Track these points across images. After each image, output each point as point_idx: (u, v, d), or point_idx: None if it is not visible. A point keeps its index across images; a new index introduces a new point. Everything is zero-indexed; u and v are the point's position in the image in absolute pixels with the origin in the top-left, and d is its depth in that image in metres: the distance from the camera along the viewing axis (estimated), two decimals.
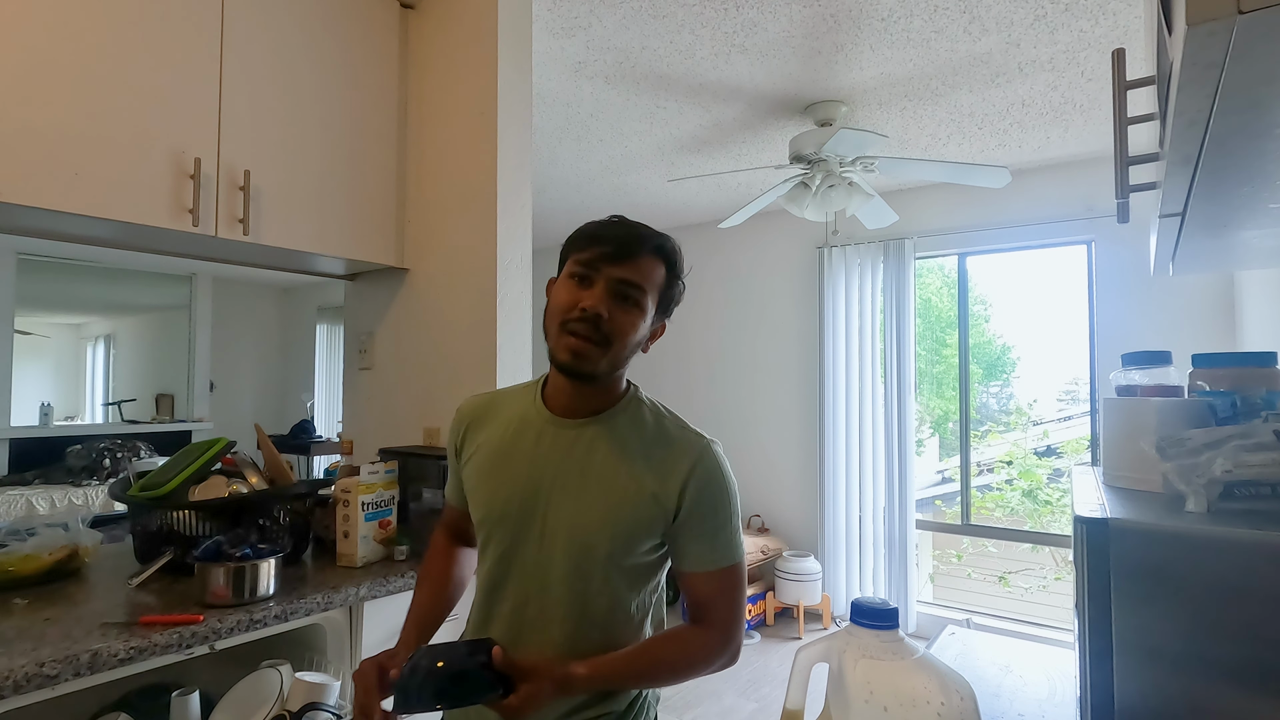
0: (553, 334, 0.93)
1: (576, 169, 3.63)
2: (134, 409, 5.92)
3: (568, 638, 0.93)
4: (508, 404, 1.04)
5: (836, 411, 4.09)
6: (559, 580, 0.94)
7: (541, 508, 0.95)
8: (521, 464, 0.97)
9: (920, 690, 0.64)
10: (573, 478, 0.95)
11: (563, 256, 0.97)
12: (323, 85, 1.78)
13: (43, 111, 1.32)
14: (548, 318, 0.94)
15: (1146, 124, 0.80)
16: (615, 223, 0.95)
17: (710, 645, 0.95)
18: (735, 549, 0.96)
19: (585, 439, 0.96)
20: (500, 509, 0.97)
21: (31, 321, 5.40)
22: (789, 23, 2.18)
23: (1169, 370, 1.07)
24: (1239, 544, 0.73)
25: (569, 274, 0.93)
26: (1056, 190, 3.55)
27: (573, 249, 0.95)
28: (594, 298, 0.90)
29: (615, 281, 0.91)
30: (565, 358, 0.91)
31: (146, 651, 1.10)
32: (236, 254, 1.80)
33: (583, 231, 0.95)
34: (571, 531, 0.93)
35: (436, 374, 1.93)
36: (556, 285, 0.96)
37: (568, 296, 0.91)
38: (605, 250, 0.91)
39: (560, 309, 0.91)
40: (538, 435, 0.98)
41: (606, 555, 0.93)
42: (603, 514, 0.93)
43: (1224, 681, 0.73)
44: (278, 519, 1.54)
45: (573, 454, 0.96)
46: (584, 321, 0.89)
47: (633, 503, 0.93)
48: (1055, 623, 3.71)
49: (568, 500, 0.94)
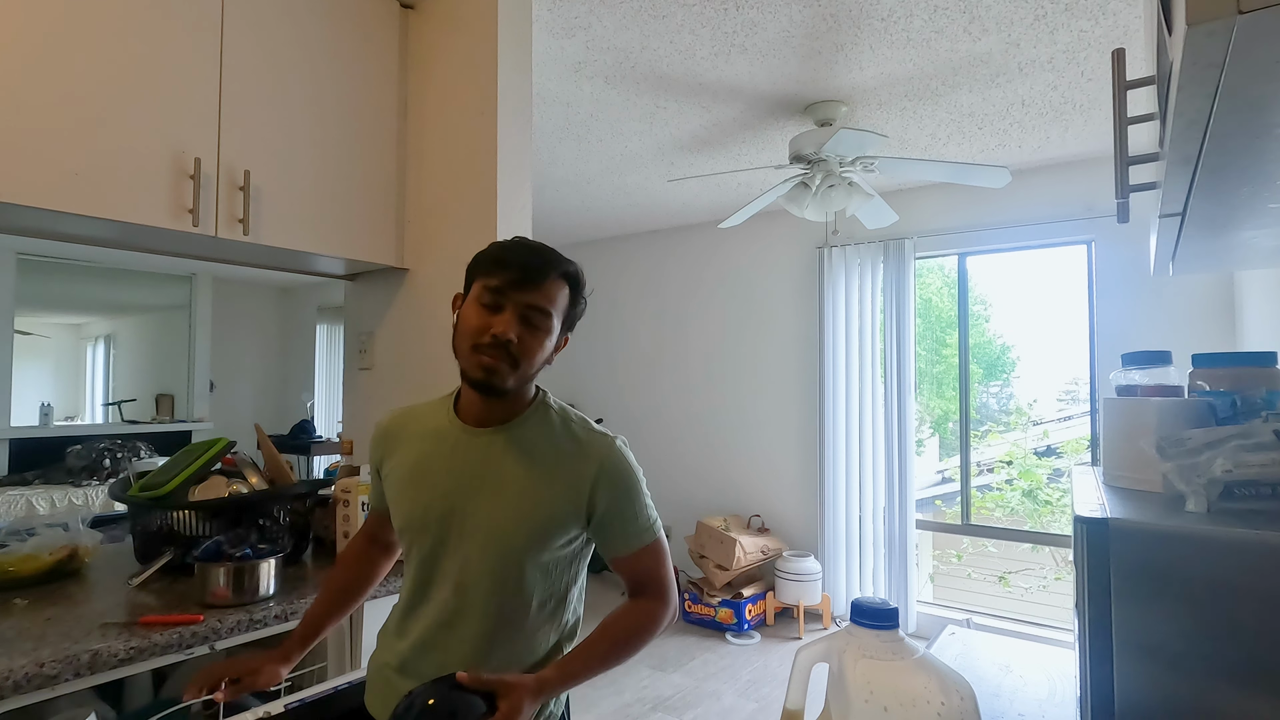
0: (464, 353, 0.99)
1: (576, 169, 3.63)
2: (134, 409, 5.92)
3: (487, 634, 0.99)
4: (423, 418, 1.10)
5: (836, 411, 4.09)
6: (478, 579, 1.00)
7: (459, 512, 1.01)
8: (439, 473, 1.03)
9: (920, 690, 0.64)
10: (488, 482, 1.01)
11: (469, 277, 1.03)
12: (323, 85, 1.78)
13: (43, 111, 1.32)
14: (459, 338, 1.00)
15: (1146, 124, 0.80)
16: (521, 247, 1.00)
17: (654, 612, 1.06)
18: (652, 528, 1.06)
19: (498, 445, 1.03)
20: (420, 516, 1.03)
21: (31, 321, 5.40)
22: (789, 23, 2.18)
23: (1169, 370, 1.07)
24: (1239, 544, 0.73)
25: (478, 299, 0.98)
26: (1056, 190, 3.55)
27: (480, 273, 1.00)
28: (504, 324, 0.96)
29: (523, 307, 0.97)
30: (478, 375, 0.98)
31: (146, 651, 1.10)
32: (236, 254, 1.80)
33: (489, 255, 1.00)
34: (489, 532, 0.99)
35: (436, 374, 1.92)
36: (466, 307, 1.00)
37: (478, 321, 0.97)
38: (513, 277, 0.97)
39: (471, 332, 0.97)
40: (453, 445, 1.04)
41: (524, 552, 0.99)
42: (518, 513, 0.99)
43: (1224, 681, 0.73)
44: (278, 519, 1.54)
45: (487, 460, 1.02)
46: (495, 346, 0.96)
47: (546, 500, 1.00)
48: (1055, 623, 3.71)
49: (484, 503, 1.00)
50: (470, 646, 0.99)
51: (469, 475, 1.02)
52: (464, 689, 0.86)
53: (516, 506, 1.00)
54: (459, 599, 1.00)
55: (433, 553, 1.02)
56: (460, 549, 1.01)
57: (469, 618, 1.00)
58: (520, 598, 1.00)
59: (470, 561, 1.00)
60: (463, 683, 0.87)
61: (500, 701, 0.87)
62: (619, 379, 5.08)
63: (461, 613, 1.00)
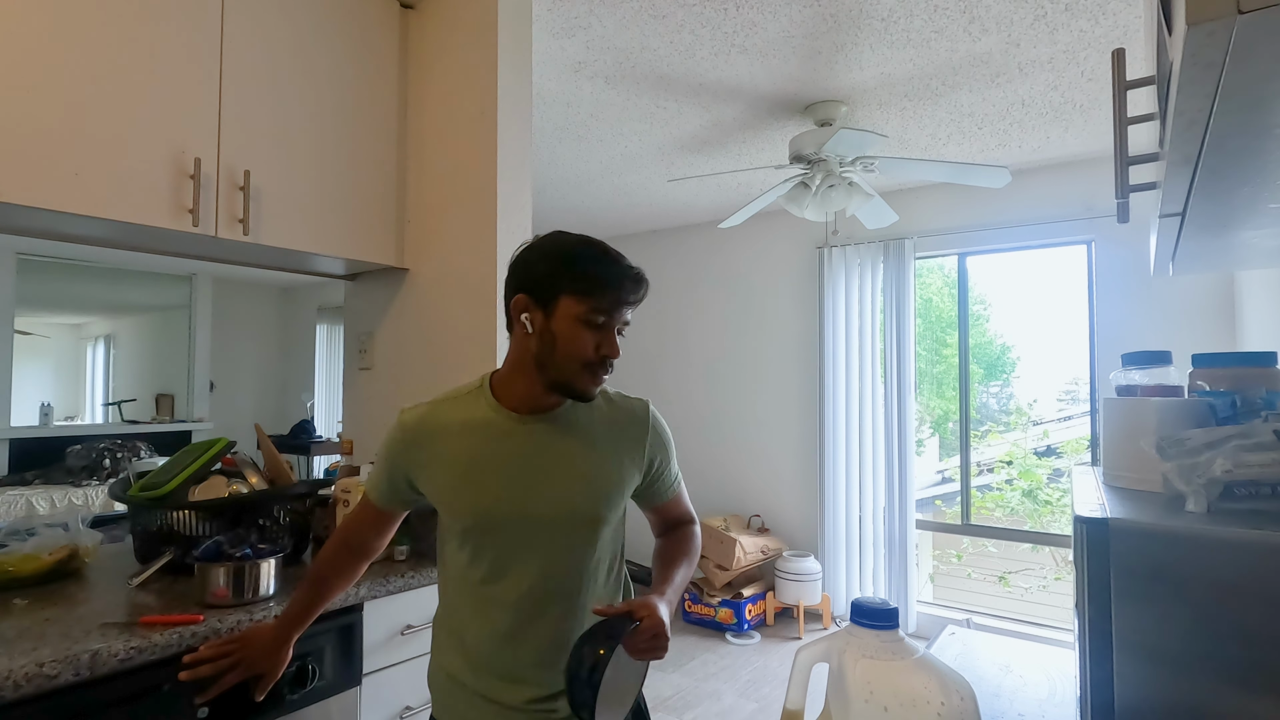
0: (573, 372, 1.00)
1: (576, 169, 3.63)
2: (134, 409, 5.93)
3: (582, 607, 1.06)
4: (457, 411, 1.08)
5: (836, 411, 4.09)
6: (563, 560, 1.05)
7: (534, 500, 1.03)
8: (501, 466, 1.04)
9: (920, 690, 0.64)
10: (557, 464, 1.05)
11: (556, 290, 0.99)
12: (323, 85, 1.78)
13: (43, 111, 1.32)
14: (561, 356, 0.99)
15: (1146, 124, 0.80)
16: (622, 268, 1.01)
17: (697, 532, 1.24)
18: (679, 472, 1.22)
19: (556, 428, 1.06)
20: (489, 510, 1.03)
21: (31, 321, 5.40)
22: (789, 23, 2.18)
23: (1169, 370, 1.07)
24: (1239, 544, 0.73)
25: (582, 318, 0.98)
26: (1056, 190, 3.55)
27: (580, 291, 0.98)
28: (613, 344, 1.01)
29: (623, 324, 1.03)
30: (586, 389, 1.01)
31: (146, 651, 1.10)
32: (236, 254, 1.80)
33: (589, 277, 0.99)
34: (570, 511, 1.04)
35: (436, 374, 1.93)
36: (566, 325, 0.99)
37: (589, 342, 0.99)
38: (623, 300, 1.00)
39: (580, 353, 0.99)
40: (508, 436, 1.05)
41: (601, 522, 1.07)
42: (592, 486, 1.06)
43: (1224, 681, 0.73)
44: (278, 519, 1.54)
45: (549, 444, 1.05)
46: (605, 364, 1.01)
47: (614, 468, 1.08)
48: (1055, 623, 3.71)
49: (558, 485, 1.04)
50: (556, 628, 1.04)
51: (535, 462, 1.04)
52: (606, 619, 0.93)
53: (589, 480, 1.06)
54: (546, 584, 1.04)
55: (509, 545, 1.04)
56: (540, 535, 1.03)
57: (555, 600, 1.04)
58: (600, 568, 1.08)
59: (554, 545, 1.04)
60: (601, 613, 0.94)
61: (639, 613, 0.93)
62: (619, 379, 5.06)
63: (548, 597, 1.04)
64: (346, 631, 1.40)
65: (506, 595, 1.04)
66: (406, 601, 1.51)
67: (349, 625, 1.41)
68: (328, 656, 1.36)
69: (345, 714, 1.39)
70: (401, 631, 1.50)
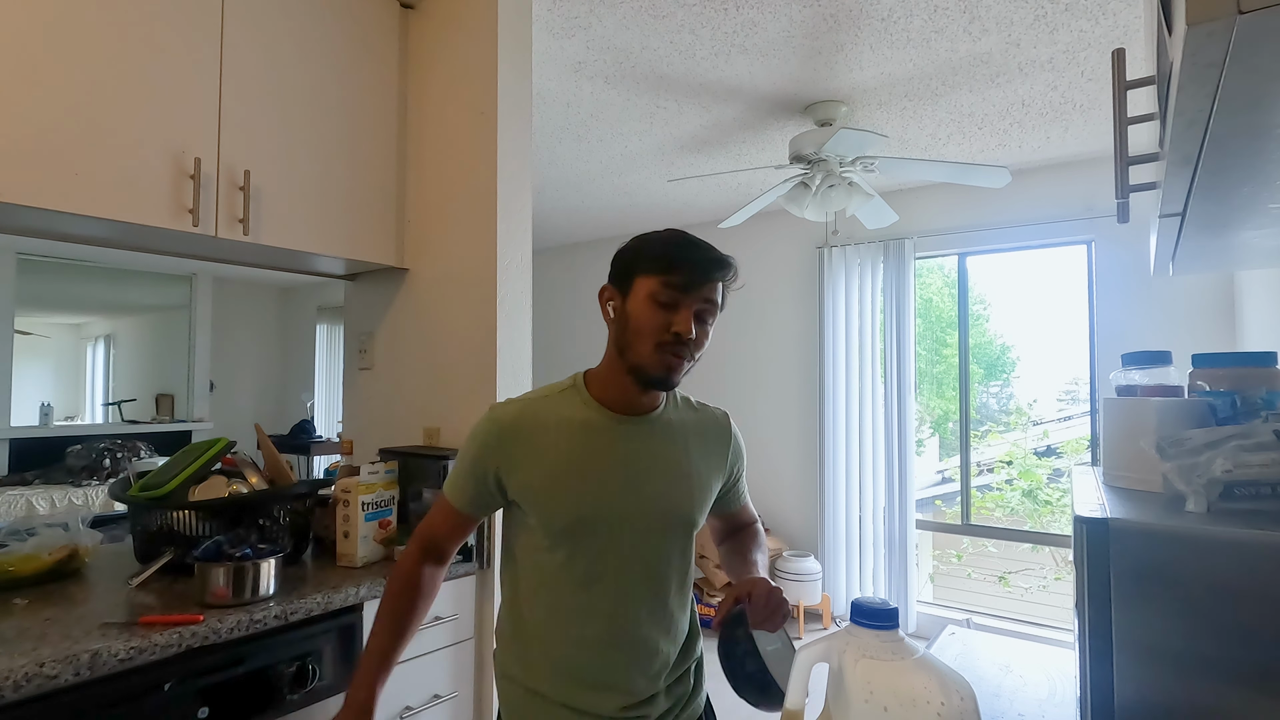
0: (644, 352, 0.99)
1: (576, 169, 3.63)
2: (134, 409, 5.93)
3: (669, 612, 1.06)
4: (549, 410, 1.04)
5: (836, 411, 4.09)
6: (661, 560, 1.05)
7: (634, 500, 1.02)
8: (599, 465, 1.02)
9: (920, 690, 0.64)
10: (659, 466, 1.05)
11: (627, 271, 1.02)
12: (323, 85, 1.78)
13: (43, 111, 1.32)
14: (634, 336, 0.99)
15: (1146, 124, 0.80)
16: (692, 246, 1.01)
17: (762, 529, 1.26)
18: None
19: (657, 430, 1.07)
20: (591, 510, 1.01)
21: (31, 321, 5.41)
22: (789, 23, 2.18)
23: (1169, 370, 1.07)
24: (1239, 544, 0.73)
25: (653, 297, 0.98)
26: (1056, 190, 3.55)
27: (651, 270, 0.99)
28: (686, 323, 0.98)
29: (699, 303, 0.99)
30: (659, 373, 0.99)
31: (146, 651, 1.10)
32: (236, 254, 1.80)
33: (661, 255, 1.00)
34: (669, 513, 1.05)
35: (436, 374, 1.93)
36: (639, 305, 0.99)
37: (659, 319, 0.98)
38: (692, 277, 0.98)
39: (652, 331, 0.98)
40: (611, 436, 1.03)
41: (695, 525, 1.08)
42: (690, 490, 1.07)
43: (1224, 681, 0.73)
44: (278, 519, 1.54)
45: (650, 446, 1.05)
46: (678, 344, 0.98)
47: (705, 472, 1.09)
48: (1055, 623, 3.71)
49: (660, 487, 1.04)
50: (648, 633, 1.03)
51: (635, 463, 1.03)
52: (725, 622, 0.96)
53: (688, 484, 1.06)
54: (642, 587, 1.03)
55: (608, 547, 1.01)
56: (639, 537, 1.02)
57: (649, 604, 1.04)
58: (686, 571, 1.10)
59: (652, 547, 1.03)
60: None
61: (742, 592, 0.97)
62: None
63: (643, 601, 1.03)
64: (346, 631, 1.40)
65: (602, 600, 1.02)
66: None
67: (349, 625, 1.41)
68: (328, 656, 1.36)
69: None
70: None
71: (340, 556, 1.56)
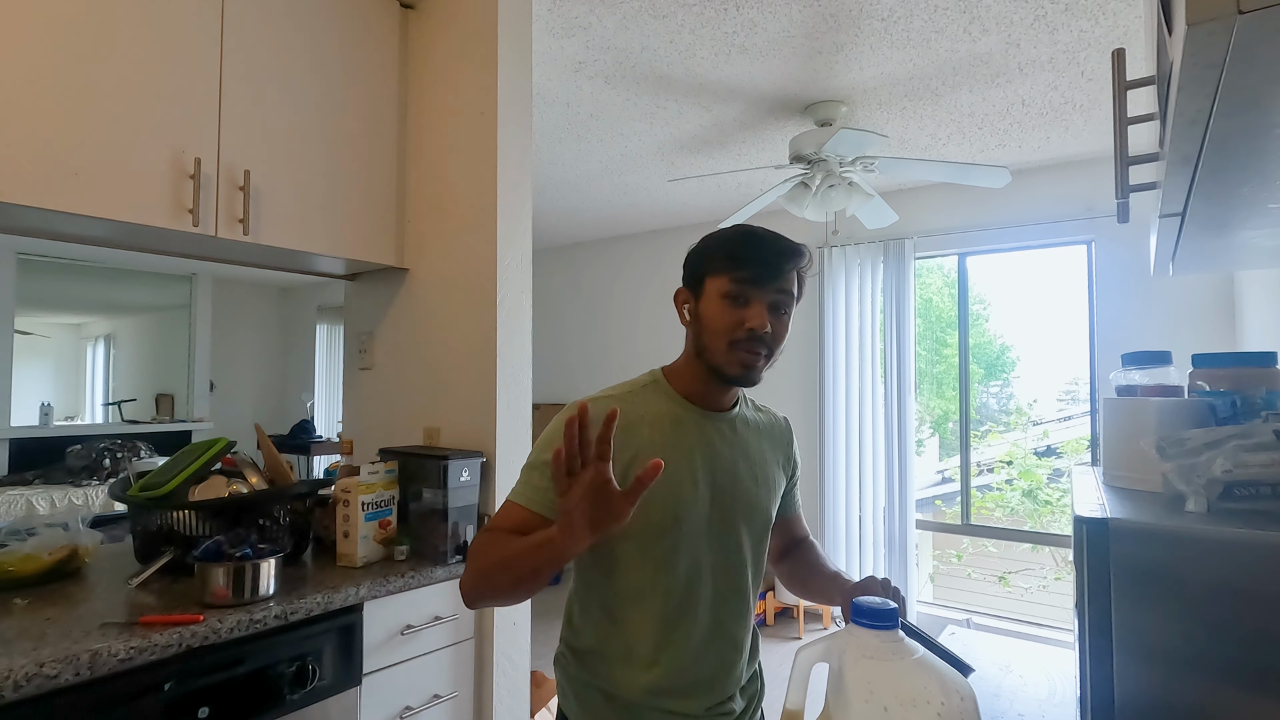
0: (720, 351, 0.97)
1: (576, 169, 3.63)
2: (134, 409, 5.92)
3: (753, 606, 1.07)
4: (637, 404, 1.01)
5: (836, 411, 4.09)
6: (750, 557, 1.04)
7: (728, 496, 1.02)
8: (693, 461, 1.00)
9: (920, 690, 0.64)
10: (744, 463, 1.04)
11: (697, 270, 1.00)
12: (323, 85, 1.78)
13: (43, 112, 1.32)
14: (709, 336, 0.98)
15: (1146, 124, 0.80)
16: (759, 239, 0.99)
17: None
18: None
19: (740, 426, 1.06)
20: (688, 507, 0.98)
21: (31, 321, 5.41)
22: (789, 23, 2.18)
23: (1169, 370, 1.07)
24: (1239, 544, 0.73)
25: (724, 294, 0.96)
26: (1056, 190, 3.55)
27: (720, 268, 0.98)
28: (760, 318, 0.95)
29: (772, 294, 0.97)
30: (737, 371, 0.97)
31: (146, 651, 1.10)
32: (236, 254, 1.80)
33: (728, 251, 0.98)
34: (757, 510, 1.05)
35: (436, 374, 1.93)
36: (710, 305, 0.98)
37: (730, 317, 0.96)
38: (762, 272, 0.96)
39: (725, 329, 0.96)
40: (697, 430, 1.02)
41: (773, 523, 1.09)
42: (769, 488, 1.07)
43: (1224, 681, 0.73)
44: (278, 519, 1.54)
45: (735, 442, 1.05)
46: (753, 340, 0.96)
47: (777, 471, 1.10)
48: (1055, 623, 3.71)
49: (747, 484, 1.04)
50: (737, 634, 1.02)
51: (725, 460, 1.02)
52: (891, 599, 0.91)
53: (767, 481, 1.07)
54: (736, 583, 1.02)
55: (705, 545, 1.00)
56: (733, 534, 1.02)
57: (739, 601, 1.03)
58: (762, 569, 1.08)
59: (742, 544, 1.03)
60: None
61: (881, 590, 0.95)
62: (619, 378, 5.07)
63: (737, 597, 1.02)
64: (346, 631, 1.40)
65: (700, 598, 0.99)
66: (406, 601, 1.52)
67: (349, 625, 1.41)
68: (328, 656, 1.36)
69: (345, 714, 1.39)
70: (401, 631, 1.50)
71: (340, 556, 1.56)
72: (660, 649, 0.98)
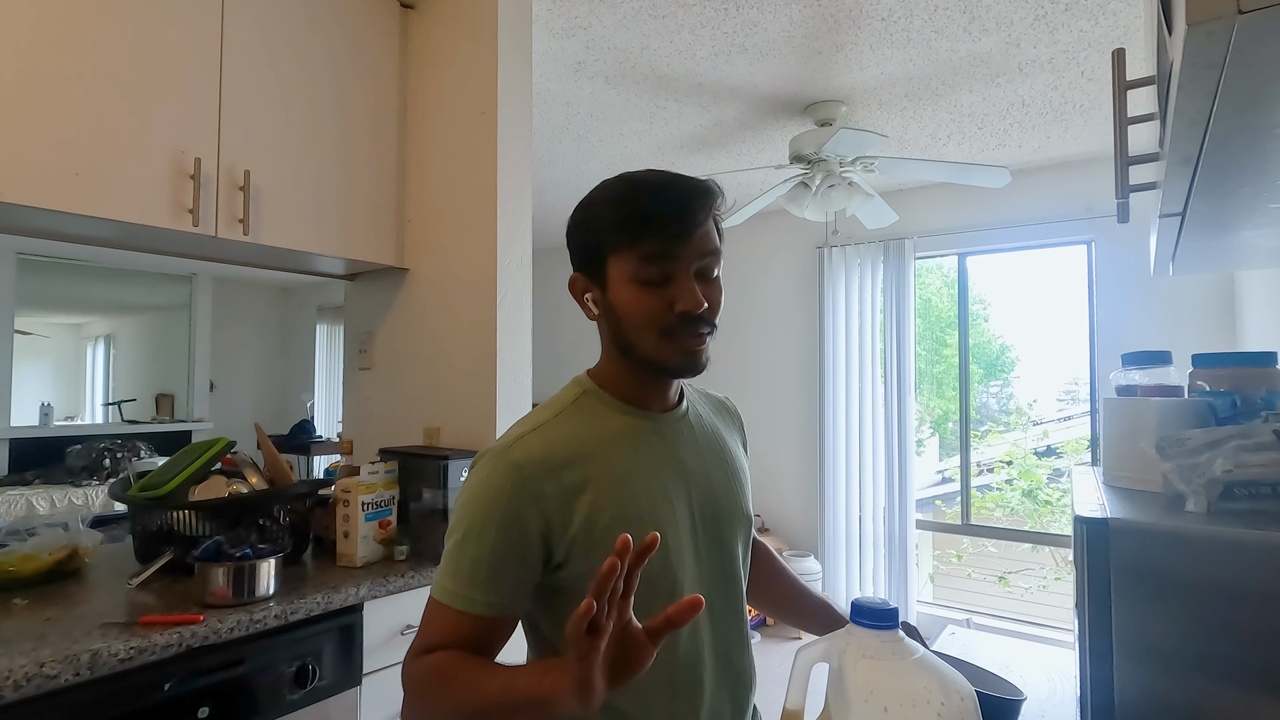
0: (650, 345, 0.78)
1: (576, 169, 3.63)
2: (134, 409, 5.92)
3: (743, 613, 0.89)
4: (579, 428, 0.81)
5: (836, 411, 4.09)
6: (737, 564, 0.88)
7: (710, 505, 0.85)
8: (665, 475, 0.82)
9: (920, 690, 0.64)
10: (713, 463, 0.87)
11: (596, 248, 0.79)
12: (323, 85, 1.78)
13: (43, 112, 1.32)
14: (631, 330, 0.78)
15: (1146, 124, 0.80)
16: (656, 187, 0.77)
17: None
18: None
19: (695, 423, 0.89)
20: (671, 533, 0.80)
21: (31, 321, 5.40)
22: (789, 23, 2.18)
23: (1169, 370, 1.07)
24: (1239, 544, 0.73)
25: (636, 277, 0.76)
26: (1056, 190, 3.55)
27: (621, 240, 0.77)
28: (690, 295, 0.75)
29: (696, 258, 0.77)
30: (679, 363, 0.79)
31: (146, 651, 1.10)
32: (236, 254, 1.80)
33: (625, 217, 0.77)
34: (738, 512, 0.88)
35: (436, 374, 1.93)
36: (622, 291, 0.78)
37: (653, 302, 0.76)
38: (674, 234, 0.75)
39: (650, 319, 0.77)
40: (656, 439, 0.83)
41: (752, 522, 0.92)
42: (739, 481, 0.90)
43: (1224, 681, 0.73)
44: (278, 519, 1.54)
45: (697, 442, 0.87)
46: (691, 322, 0.77)
47: (743, 457, 0.95)
48: (1055, 623, 3.71)
49: (721, 485, 0.87)
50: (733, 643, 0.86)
51: (698, 467, 0.85)
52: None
53: (738, 475, 0.90)
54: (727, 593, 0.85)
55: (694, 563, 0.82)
56: (718, 544, 0.85)
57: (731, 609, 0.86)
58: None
59: (730, 552, 0.86)
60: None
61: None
62: None
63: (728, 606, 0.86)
64: (346, 631, 1.40)
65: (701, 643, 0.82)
66: (406, 601, 1.52)
67: (349, 625, 1.41)
68: (328, 656, 1.36)
69: (345, 714, 1.39)
70: (401, 631, 1.50)
71: (340, 556, 1.56)
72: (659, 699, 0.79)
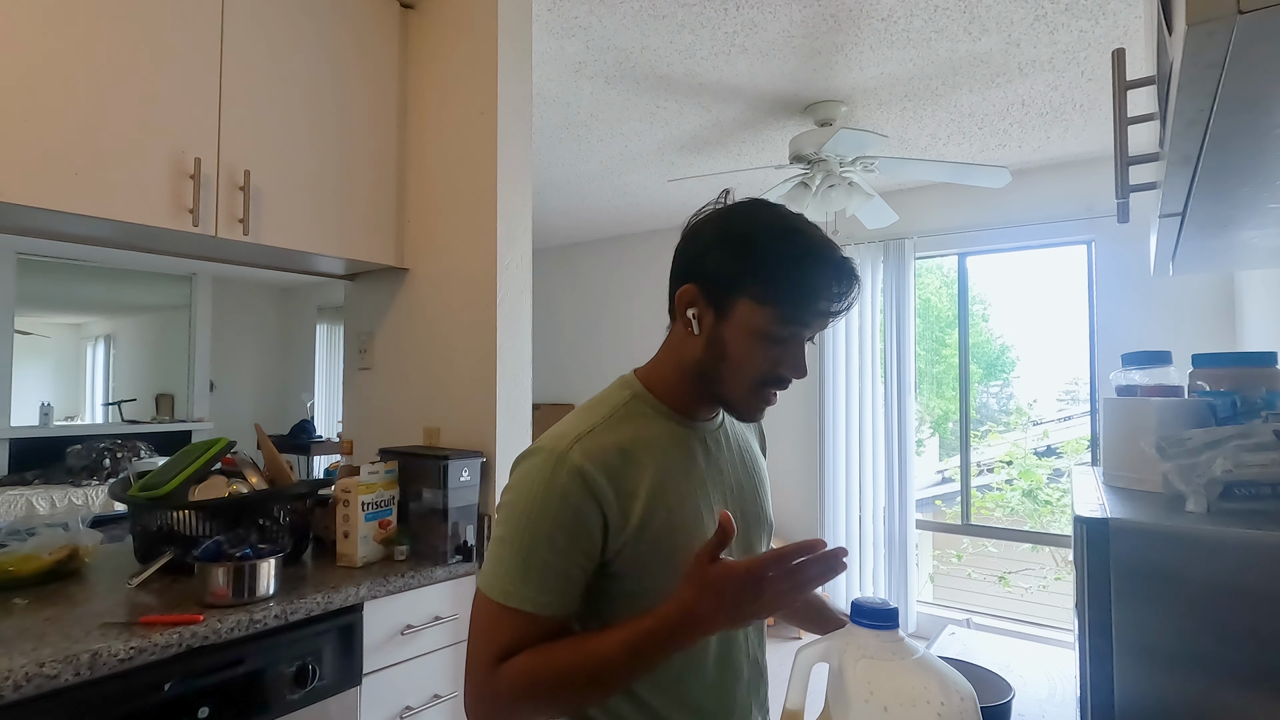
0: (740, 391, 0.80)
1: (576, 169, 3.63)
2: (134, 409, 5.92)
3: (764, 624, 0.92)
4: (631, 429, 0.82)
5: (836, 411, 4.09)
6: None
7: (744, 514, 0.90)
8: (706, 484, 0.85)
9: (920, 690, 0.64)
10: (740, 470, 0.93)
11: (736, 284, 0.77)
12: (323, 85, 1.78)
13: (43, 112, 1.32)
14: (730, 370, 0.79)
15: (1146, 124, 0.80)
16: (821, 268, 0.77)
17: None
18: None
19: (730, 432, 0.94)
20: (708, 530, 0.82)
21: (31, 321, 5.40)
22: (789, 23, 2.18)
23: (1169, 370, 1.07)
24: (1239, 544, 0.73)
25: (764, 333, 0.77)
26: (1056, 190, 3.55)
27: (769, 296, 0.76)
28: (800, 364, 0.80)
29: (816, 331, 0.81)
30: (753, 412, 0.83)
31: (146, 651, 1.10)
32: (236, 254, 1.80)
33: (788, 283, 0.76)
34: (763, 519, 0.93)
35: (436, 374, 1.93)
36: (741, 335, 0.78)
37: (767, 359, 0.78)
38: (820, 312, 0.78)
39: (757, 372, 0.79)
40: (700, 447, 0.87)
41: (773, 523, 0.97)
42: (764, 484, 0.97)
43: (1224, 681, 0.73)
44: (278, 519, 1.54)
45: (733, 449, 0.93)
46: (783, 383, 0.81)
47: (763, 460, 1.01)
48: (1055, 623, 3.71)
49: (751, 494, 0.92)
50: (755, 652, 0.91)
51: (731, 476, 0.90)
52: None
53: (762, 478, 0.96)
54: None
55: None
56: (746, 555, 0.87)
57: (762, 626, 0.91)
58: None
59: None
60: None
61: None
62: None
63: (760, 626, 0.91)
64: (346, 631, 1.40)
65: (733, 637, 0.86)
66: (406, 601, 1.52)
67: (349, 625, 1.41)
68: (327, 656, 1.36)
69: (345, 714, 1.39)
70: (401, 631, 1.50)
71: (340, 556, 1.56)
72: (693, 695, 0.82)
